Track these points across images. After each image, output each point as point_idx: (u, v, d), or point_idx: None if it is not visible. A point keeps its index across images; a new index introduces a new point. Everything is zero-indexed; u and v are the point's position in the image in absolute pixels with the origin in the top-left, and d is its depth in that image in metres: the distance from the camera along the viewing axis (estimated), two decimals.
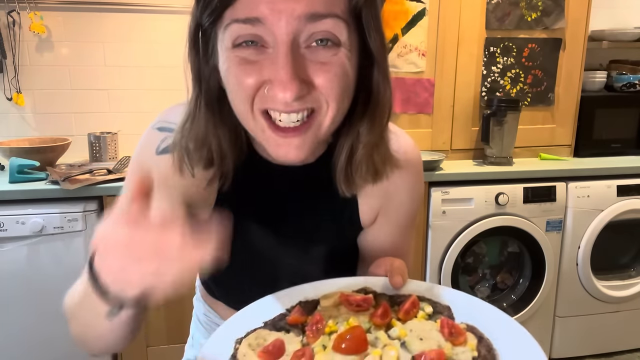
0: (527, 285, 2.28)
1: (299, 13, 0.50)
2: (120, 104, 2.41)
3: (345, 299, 0.59)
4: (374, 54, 0.59)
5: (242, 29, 0.51)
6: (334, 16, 0.52)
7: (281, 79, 0.51)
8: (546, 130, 2.43)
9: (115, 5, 2.30)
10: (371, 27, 0.57)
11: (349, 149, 0.64)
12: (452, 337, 0.52)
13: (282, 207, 0.72)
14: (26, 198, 1.80)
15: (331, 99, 0.55)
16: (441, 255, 2.15)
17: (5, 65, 2.24)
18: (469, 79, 2.32)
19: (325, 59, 0.54)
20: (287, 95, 0.51)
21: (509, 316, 0.56)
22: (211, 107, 0.61)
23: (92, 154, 2.23)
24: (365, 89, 0.62)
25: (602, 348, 2.45)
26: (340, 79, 0.55)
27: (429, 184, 2.10)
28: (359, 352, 0.51)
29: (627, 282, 2.37)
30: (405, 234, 0.79)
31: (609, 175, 2.24)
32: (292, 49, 0.52)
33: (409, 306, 0.58)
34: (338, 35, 0.53)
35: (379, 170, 0.66)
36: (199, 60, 0.59)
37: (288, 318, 0.59)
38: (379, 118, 0.62)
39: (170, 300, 0.44)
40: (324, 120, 0.57)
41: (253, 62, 0.53)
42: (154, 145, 0.69)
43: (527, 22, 2.31)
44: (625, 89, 2.48)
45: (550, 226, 2.20)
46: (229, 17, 0.52)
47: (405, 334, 0.54)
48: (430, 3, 2.19)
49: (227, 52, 0.54)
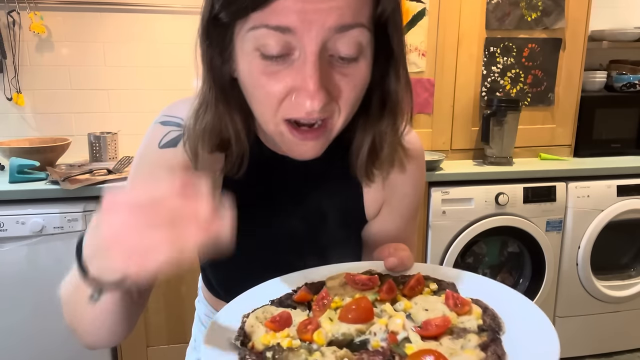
0: (527, 285, 2.28)
1: (329, 25, 0.50)
2: (120, 104, 2.41)
3: (351, 279, 0.61)
4: (396, 57, 0.60)
5: (272, 35, 0.51)
6: (361, 26, 0.53)
7: (309, 88, 0.52)
8: (546, 130, 2.43)
9: (115, 5, 2.30)
10: (395, 33, 0.59)
11: (370, 145, 0.66)
12: (457, 307, 0.53)
13: (287, 198, 0.73)
14: (26, 198, 1.80)
15: (344, 107, 0.57)
16: (441, 255, 2.15)
17: (5, 65, 2.24)
18: (469, 79, 2.32)
19: (348, 70, 0.55)
20: (315, 104, 0.52)
21: (513, 290, 0.57)
22: (223, 96, 0.61)
23: (92, 154, 2.23)
24: (382, 87, 0.63)
25: (602, 348, 2.45)
26: (359, 89, 0.57)
27: (429, 184, 2.10)
28: (365, 322, 0.52)
29: (627, 282, 2.37)
30: (408, 225, 0.80)
31: (609, 175, 2.24)
32: (320, 58, 0.52)
33: (414, 283, 0.59)
34: (363, 43, 0.54)
35: (396, 163, 0.68)
36: (211, 50, 0.58)
37: (294, 296, 0.60)
38: (400, 119, 0.65)
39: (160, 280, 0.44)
40: (337, 123, 0.58)
41: (279, 71, 0.53)
42: (157, 138, 0.69)
43: (527, 22, 2.31)
44: (625, 89, 2.48)
45: (550, 226, 2.20)
46: (257, 20, 0.51)
47: (410, 306, 0.55)
48: (430, 3, 2.19)
49: (252, 57, 0.54)
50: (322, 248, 0.75)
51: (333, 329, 0.51)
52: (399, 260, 0.63)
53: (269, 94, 0.54)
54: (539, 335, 0.49)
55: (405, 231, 0.80)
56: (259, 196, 0.72)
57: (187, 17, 2.32)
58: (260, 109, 0.58)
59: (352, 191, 0.74)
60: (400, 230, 0.79)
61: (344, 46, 0.53)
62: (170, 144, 0.67)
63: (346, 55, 0.53)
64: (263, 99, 0.56)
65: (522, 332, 0.50)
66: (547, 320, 0.50)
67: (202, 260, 0.83)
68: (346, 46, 0.53)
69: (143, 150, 0.72)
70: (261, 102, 0.56)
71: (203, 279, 0.89)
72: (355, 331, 0.51)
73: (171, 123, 0.69)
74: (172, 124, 0.69)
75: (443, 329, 0.50)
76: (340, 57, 0.54)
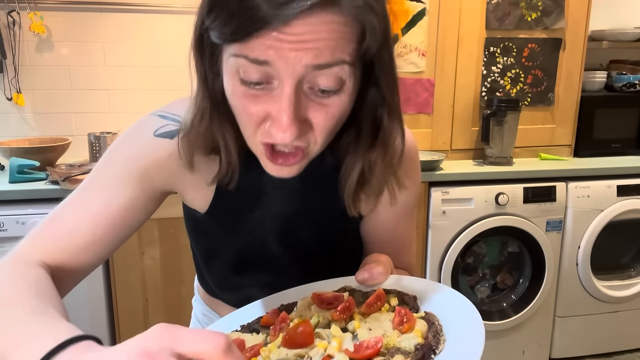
0: (527, 285, 2.28)
1: (305, 62, 0.50)
2: (120, 104, 2.41)
3: (317, 298, 0.61)
4: (385, 95, 0.60)
5: (251, 66, 0.52)
6: (342, 63, 0.52)
7: (282, 121, 0.52)
8: (546, 130, 2.43)
9: (115, 5, 2.30)
10: (383, 71, 0.58)
11: (359, 173, 0.66)
12: (402, 325, 0.53)
13: (279, 202, 0.73)
14: (26, 198, 1.80)
15: (320, 136, 0.57)
16: (441, 255, 2.15)
17: (5, 65, 2.24)
18: (469, 79, 2.32)
19: (327, 101, 0.55)
20: (287, 137, 0.53)
21: (470, 303, 0.55)
22: (216, 108, 0.61)
23: (92, 154, 2.23)
24: (372, 117, 0.63)
25: (602, 348, 2.45)
26: (336, 119, 0.56)
27: (429, 184, 2.11)
28: (305, 346, 0.52)
29: (627, 282, 2.37)
30: (405, 222, 0.80)
31: (609, 175, 2.24)
32: (296, 90, 0.52)
33: (372, 300, 0.59)
34: (344, 77, 0.54)
35: (395, 196, 0.69)
36: (203, 63, 0.59)
37: (261, 319, 0.61)
38: (390, 154, 0.64)
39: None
40: (312, 150, 0.59)
41: (258, 95, 0.54)
42: (153, 127, 0.68)
43: (527, 22, 2.31)
44: (625, 89, 2.48)
45: (550, 226, 2.20)
46: (238, 50, 0.52)
47: (359, 326, 0.55)
48: (430, 3, 2.19)
49: (234, 80, 0.55)
50: (314, 251, 0.76)
51: (272, 355, 0.52)
52: (369, 274, 0.62)
53: (248, 116, 0.55)
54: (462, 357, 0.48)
55: (403, 228, 0.80)
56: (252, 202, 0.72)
57: (187, 17, 2.32)
58: (242, 127, 0.59)
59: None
60: (397, 227, 0.79)
61: (323, 80, 0.53)
62: (167, 135, 0.67)
63: (326, 88, 0.53)
64: (244, 120, 0.57)
65: (453, 353, 0.49)
66: (480, 342, 0.48)
67: (198, 259, 0.83)
68: (326, 81, 0.53)
69: (134, 135, 0.69)
70: (242, 121, 0.58)
71: (198, 277, 0.90)
72: (294, 356, 0.52)
73: (169, 118, 0.69)
74: (170, 119, 0.68)
75: (373, 350, 0.49)
76: (320, 90, 0.54)
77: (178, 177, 0.69)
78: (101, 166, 0.69)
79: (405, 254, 0.82)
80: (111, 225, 0.66)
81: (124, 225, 0.67)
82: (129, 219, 0.67)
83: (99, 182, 0.67)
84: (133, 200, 0.67)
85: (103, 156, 0.70)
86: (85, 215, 0.65)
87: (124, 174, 0.67)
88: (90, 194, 0.67)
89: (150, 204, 0.70)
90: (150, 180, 0.68)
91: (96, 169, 0.69)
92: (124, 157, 0.68)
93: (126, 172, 0.67)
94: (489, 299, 2.32)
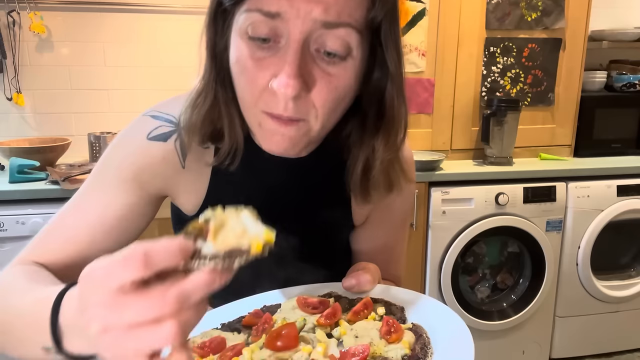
0: (527, 285, 2.28)
1: (315, 15, 0.51)
2: (120, 104, 2.41)
3: (303, 302, 0.61)
4: (390, 69, 0.59)
5: (261, 19, 0.52)
6: (348, 25, 0.53)
7: (286, 72, 0.52)
8: (546, 130, 2.43)
9: (115, 5, 2.30)
10: (389, 41, 0.58)
11: (364, 162, 0.66)
12: (389, 335, 0.53)
13: (277, 198, 0.72)
14: (26, 198, 1.79)
15: (321, 109, 0.56)
16: (441, 255, 2.15)
17: (5, 65, 2.24)
18: (469, 79, 2.32)
19: (331, 69, 0.55)
20: (289, 91, 0.52)
21: (457, 316, 0.55)
22: (223, 85, 0.61)
23: (92, 154, 2.23)
24: (378, 101, 0.62)
25: (602, 348, 2.45)
26: (339, 92, 0.56)
27: (429, 184, 2.10)
28: (289, 349, 0.52)
29: (627, 282, 2.37)
30: (396, 233, 0.80)
31: (609, 175, 2.24)
32: (303, 48, 0.53)
33: (359, 307, 0.59)
34: (350, 44, 0.54)
35: (394, 184, 0.68)
36: (215, 36, 0.59)
37: (243, 319, 0.61)
38: (394, 135, 0.64)
39: None
40: (313, 126, 0.58)
41: (264, 57, 0.54)
42: (146, 130, 0.68)
43: (527, 22, 2.31)
44: (625, 89, 2.48)
45: (550, 226, 2.20)
46: (252, 4, 0.53)
47: (345, 332, 0.55)
48: (430, 3, 2.19)
49: (239, 40, 0.55)
50: (305, 252, 0.75)
51: (254, 356, 0.52)
52: (356, 280, 0.62)
53: (251, 82, 0.55)
54: None
55: (395, 239, 0.80)
56: (248, 196, 0.72)
57: (187, 17, 2.32)
58: (244, 96, 0.58)
59: (340, 197, 0.73)
60: (389, 237, 0.78)
61: (331, 42, 0.53)
62: (160, 138, 0.67)
63: (332, 50, 0.54)
64: (246, 86, 0.56)
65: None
66: (470, 354, 0.48)
67: None
68: (333, 42, 0.53)
69: (127, 138, 0.69)
70: (244, 89, 0.57)
71: None
72: (276, 359, 0.51)
73: (162, 118, 0.68)
74: (163, 120, 0.68)
75: (360, 358, 0.49)
76: (326, 52, 0.54)
77: (171, 180, 0.69)
78: (97, 171, 0.69)
79: (394, 266, 0.82)
80: (108, 233, 0.66)
81: (122, 231, 0.67)
82: (127, 225, 0.68)
83: (95, 188, 0.68)
84: (129, 206, 0.67)
85: (99, 160, 0.70)
86: (84, 223, 0.66)
87: (118, 180, 0.67)
88: (87, 200, 0.68)
89: (147, 209, 0.70)
90: (144, 184, 0.68)
91: (93, 174, 0.69)
92: (118, 162, 0.68)
93: (120, 178, 0.67)
94: (489, 299, 2.32)
